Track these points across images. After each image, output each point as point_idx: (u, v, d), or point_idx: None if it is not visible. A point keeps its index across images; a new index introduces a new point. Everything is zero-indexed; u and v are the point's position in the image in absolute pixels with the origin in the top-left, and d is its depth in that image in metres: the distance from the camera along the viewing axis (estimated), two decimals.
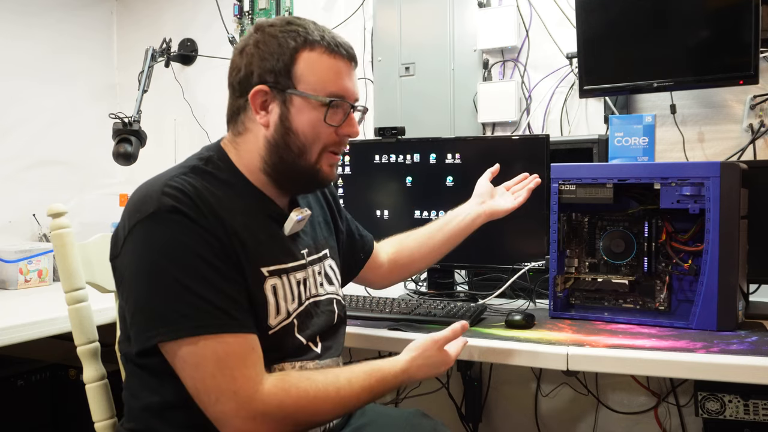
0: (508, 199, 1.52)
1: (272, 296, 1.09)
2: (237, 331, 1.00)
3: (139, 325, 1.02)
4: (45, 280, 2.19)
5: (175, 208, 1.00)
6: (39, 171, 2.61)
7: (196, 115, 2.77)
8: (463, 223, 1.50)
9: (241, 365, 0.99)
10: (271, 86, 1.09)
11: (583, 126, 2.15)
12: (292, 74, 1.09)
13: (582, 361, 1.32)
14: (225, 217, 1.04)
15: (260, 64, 1.10)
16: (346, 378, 1.08)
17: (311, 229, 1.24)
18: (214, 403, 0.98)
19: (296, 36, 1.09)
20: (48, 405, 2.06)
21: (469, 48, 2.23)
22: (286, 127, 1.10)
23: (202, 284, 0.99)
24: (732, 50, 1.77)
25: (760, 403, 1.56)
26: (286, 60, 1.09)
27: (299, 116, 1.10)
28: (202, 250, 1.00)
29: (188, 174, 1.07)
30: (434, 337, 1.21)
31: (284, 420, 1.01)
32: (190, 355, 0.98)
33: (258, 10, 2.65)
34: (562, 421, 2.15)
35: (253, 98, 1.10)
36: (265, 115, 1.11)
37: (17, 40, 2.57)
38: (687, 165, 1.59)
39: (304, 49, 1.09)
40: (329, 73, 1.11)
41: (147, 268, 1.00)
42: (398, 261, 1.52)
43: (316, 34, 1.10)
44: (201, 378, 0.98)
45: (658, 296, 1.58)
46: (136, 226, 1.02)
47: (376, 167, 1.92)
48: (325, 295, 1.23)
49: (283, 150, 1.11)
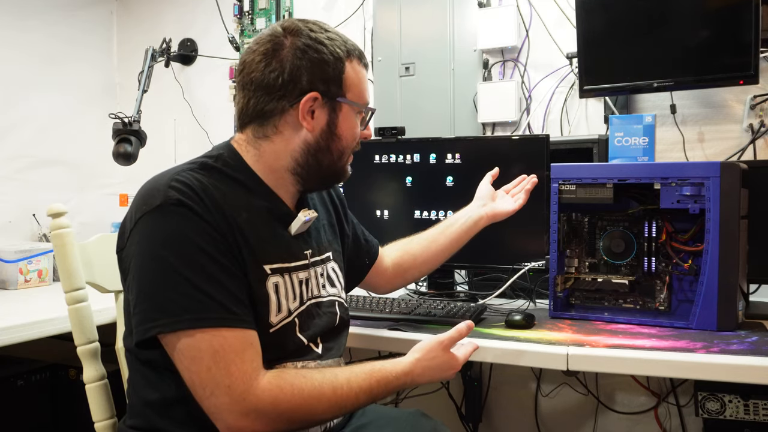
0: (509, 201, 1.55)
1: (274, 294, 1.10)
2: (235, 326, 1.01)
3: (139, 316, 1.02)
4: (45, 280, 2.19)
5: (181, 202, 1.02)
6: (39, 171, 2.61)
7: (196, 115, 2.77)
8: (465, 226, 1.51)
9: (238, 360, 0.99)
10: (323, 94, 1.12)
11: (583, 126, 2.15)
12: (343, 83, 1.14)
13: (582, 361, 1.32)
14: (230, 213, 1.05)
15: (312, 71, 1.11)
16: (344, 377, 1.08)
17: (315, 231, 1.25)
18: (208, 396, 0.99)
19: (339, 45, 1.14)
20: (48, 405, 2.06)
21: (469, 48, 2.23)
22: (332, 132, 1.15)
23: (203, 277, 1.00)
24: (732, 50, 1.77)
25: (761, 403, 1.56)
26: (339, 69, 1.13)
27: (345, 123, 1.16)
28: (205, 244, 1.01)
29: (196, 170, 1.09)
30: (439, 338, 1.19)
31: (278, 417, 1.01)
32: (187, 347, 0.99)
33: (258, 9, 2.65)
34: (562, 421, 2.15)
35: (304, 104, 1.11)
36: (310, 121, 1.13)
37: (17, 40, 2.57)
38: (687, 165, 1.58)
39: (347, 59, 1.15)
40: (364, 83, 1.19)
41: (150, 259, 1.02)
42: (402, 265, 1.52)
43: (350, 43, 1.17)
44: (197, 371, 0.99)
45: (658, 296, 1.58)
46: (142, 219, 1.03)
47: (376, 167, 1.92)
48: (327, 297, 1.23)
49: (323, 153, 1.15)
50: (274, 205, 1.16)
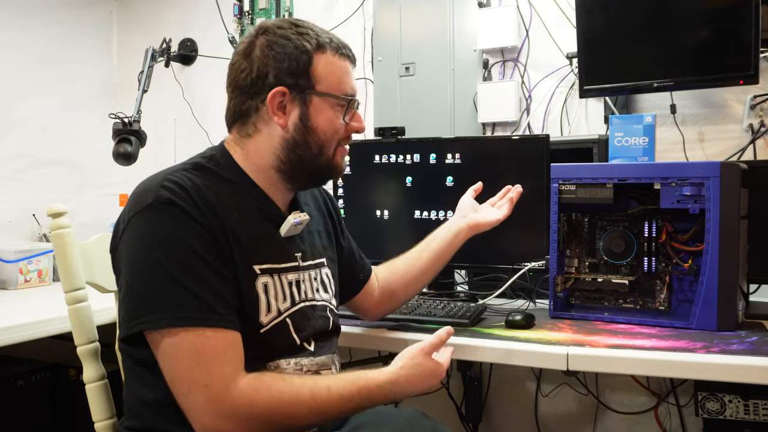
0: (492, 211, 1.53)
1: (263, 294, 1.11)
2: (218, 326, 1.01)
3: (126, 312, 1.04)
4: (45, 280, 2.19)
5: (171, 201, 1.03)
6: (39, 171, 2.61)
7: (196, 115, 2.77)
8: (446, 240, 1.48)
9: (218, 360, 1.00)
10: (291, 87, 1.12)
11: (583, 126, 2.15)
12: (311, 75, 1.13)
13: (582, 361, 1.32)
14: (221, 213, 1.07)
15: (277, 66, 1.12)
16: (325, 384, 1.06)
17: (308, 236, 1.25)
18: (185, 393, 1.00)
19: (309, 38, 1.13)
20: (48, 405, 2.06)
21: (469, 48, 2.23)
22: (306, 126, 1.14)
23: (190, 277, 1.01)
24: (732, 50, 1.77)
25: (760, 403, 1.56)
26: (304, 62, 1.13)
27: (318, 115, 1.15)
28: (194, 243, 1.02)
29: (189, 170, 1.10)
30: (420, 345, 1.18)
31: (253, 419, 1.01)
32: (169, 345, 1.00)
33: (258, 9, 2.65)
34: (562, 421, 2.15)
35: (271, 100, 1.12)
36: (282, 116, 1.13)
37: (17, 40, 2.57)
38: (687, 165, 1.59)
39: (318, 51, 1.14)
40: (341, 74, 1.16)
41: (138, 257, 1.03)
42: (391, 285, 1.48)
43: (324, 36, 1.15)
44: (177, 369, 1.00)
45: (658, 296, 1.58)
46: (134, 218, 1.05)
47: (376, 167, 1.92)
48: (321, 302, 1.24)
49: (302, 148, 1.15)
50: (265, 206, 1.17)
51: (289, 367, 1.13)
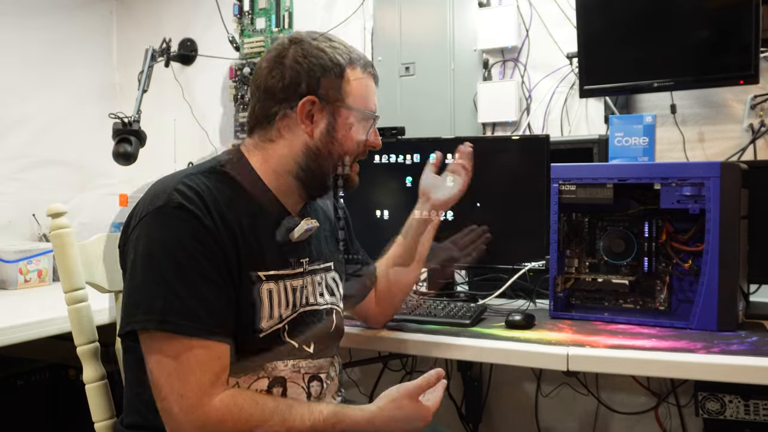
0: (446, 189, 1.48)
1: (267, 300, 1.11)
2: (204, 338, 1.02)
3: (123, 310, 1.06)
4: (45, 280, 2.19)
5: (182, 206, 1.04)
6: (39, 171, 2.61)
7: (196, 115, 2.76)
8: (413, 230, 1.46)
9: (199, 371, 1.01)
10: (321, 98, 1.14)
11: (583, 126, 2.15)
12: (342, 89, 1.17)
13: (582, 361, 1.32)
14: (231, 218, 1.07)
15: (310, 75, 1.15)
16: (299, 413, 1.05)
17: (315, 241, 1.26)
18: (162, 399, 1.01)
19: (342, 53, 1.17)
20: (48, 405, 2.06)
21: (469, 48, 2.23)
22: (332, 137, 1.17)
23: (185, 284, 1.01)
24: (732, 50, 1.77)
25: (761, 404, 1.56)
26: (337, 74, 1.16)
27: (344, 128, 1.18)
28: (197, 251, 1.03)
29: (204, 173, 1.11)
30: (407, 387, 1.14)
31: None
32: (155, 349, 1.02)
33: (258, 9, 2.65)
34: (562, 421, 2.15)
35: (302, 107, 1.14)
36: (309, 125, 1.15)
37: (17, 40, 2.56)
38: (687, 165, 1.59)
39: (349, 66, 1.18)
40: (368, 91, 1.22)
41: (142, 257, 1.04)
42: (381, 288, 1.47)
43: (355, 53, 1.20)
44: (158, 373, 1.02)
45: (659, 296, 1.58)
46: (145, 218, 1.06)
47: (376, 167, 1.92)
48: (324, 305, 1.24)
49: (324, 158, 1.17)
50: (277, 212, 1.18)
51: (286, 368, 1.14)
